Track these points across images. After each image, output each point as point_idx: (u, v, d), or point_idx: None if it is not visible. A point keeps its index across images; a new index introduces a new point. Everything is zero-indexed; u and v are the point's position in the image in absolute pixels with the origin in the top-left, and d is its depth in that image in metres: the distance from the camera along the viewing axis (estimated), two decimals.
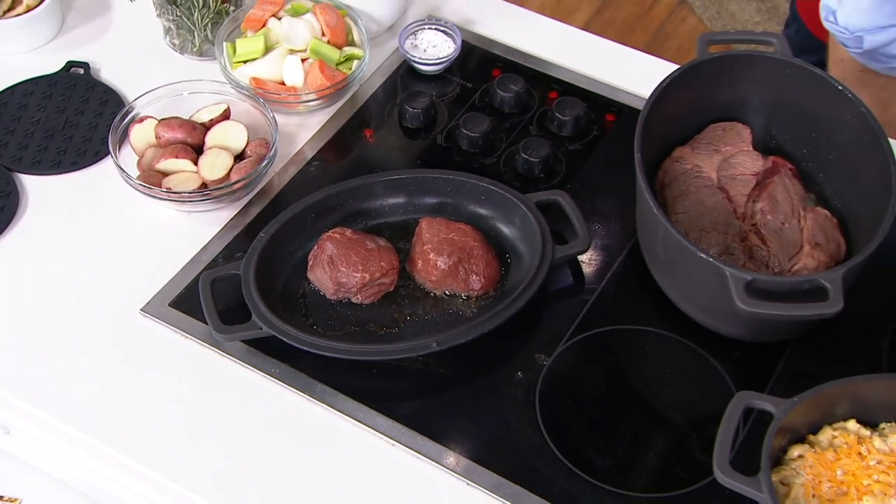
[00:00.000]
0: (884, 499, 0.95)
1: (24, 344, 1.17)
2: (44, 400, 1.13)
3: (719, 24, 2.93)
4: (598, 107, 1.37)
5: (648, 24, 2.99)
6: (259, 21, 1.38)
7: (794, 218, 1.18)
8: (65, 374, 1.14)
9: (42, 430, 1.15)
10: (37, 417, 1.13)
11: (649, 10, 3.01)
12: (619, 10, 3.00)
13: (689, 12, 2.98)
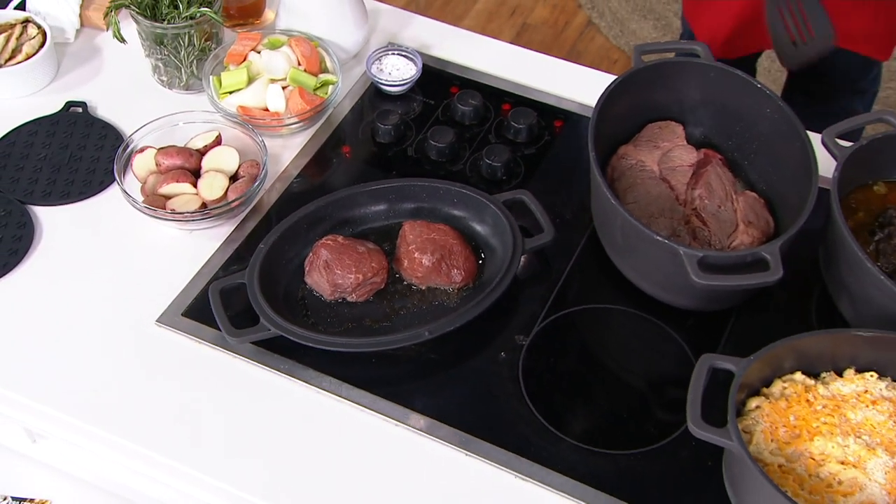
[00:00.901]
0: (831, 437, 0.97)
1: (52, 357, 1.13)
2: (74, 406, 1.10)
3: (623, 41, 2.94)
4: (547, 115, 1.38)
5: (563, 44, 3.00)
6: (240, 55, 1.36)
7: (728, 201, 1.20)
8: (91, 382, 1.11)
9: (73, 433, 1.11)
10: (69, 423, 1.10)
11: (562, 33, 3.02)
12: (536, 33, 3.00)
13: (596, 32, 3.00)
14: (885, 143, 1.17)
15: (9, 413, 1.16)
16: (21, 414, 1.15)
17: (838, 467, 0.95)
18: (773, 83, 2.50)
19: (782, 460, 0.97)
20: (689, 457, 1.05)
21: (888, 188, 1.20)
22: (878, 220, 1.16)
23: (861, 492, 0.94)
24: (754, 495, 0.95)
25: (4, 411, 1.16)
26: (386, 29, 1.51)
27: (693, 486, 1.03)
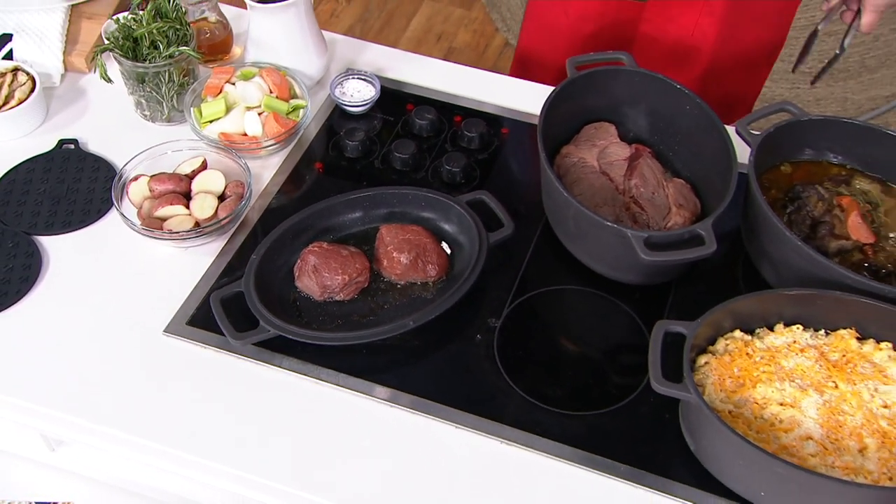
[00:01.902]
0: (770, 384, 1.00)
1: (71, 370, 1.10)
2: (95, 412, 1.07)
3: None
4: (495, 124, 1.38)
5: (485, 63, 3.01)
6: (217, 87, 1.34)
7: (660, 188, 1.22)
8: (109, 389, 1.08)
9: (95, 437, 1.08)
10: (91, 428, 1.07)
11: (483, 54, 3.04)
12: (460, 55, 3.01)
13: (513, 51, 3.03)
14: (788, 130, 1.20)
15: (31, 423, 1.12)
16: (43, 423, 1.11)
17: (778, 408, 0.98)
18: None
19: (731, 407, 0.99)
20: (649, 412, 1.07)
21: (793, 167, 1.24)
22: (788, 195, 1.19)
23: (799, 427, 0.97)
24: (711, 438, 0.97)
25: (27, 422, 1.11)
26: (344, 56, 1.50)
27: (654, 437, 1.05)
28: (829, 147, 1.22)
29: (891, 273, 1.11)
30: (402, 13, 3.14)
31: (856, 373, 1.00)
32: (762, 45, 1.54)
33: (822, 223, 1.14)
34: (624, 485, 1.02)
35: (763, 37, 1.52)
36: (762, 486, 0.95)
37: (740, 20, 1.46)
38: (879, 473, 0.94)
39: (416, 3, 3.18)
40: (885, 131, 1.20)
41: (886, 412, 0.98)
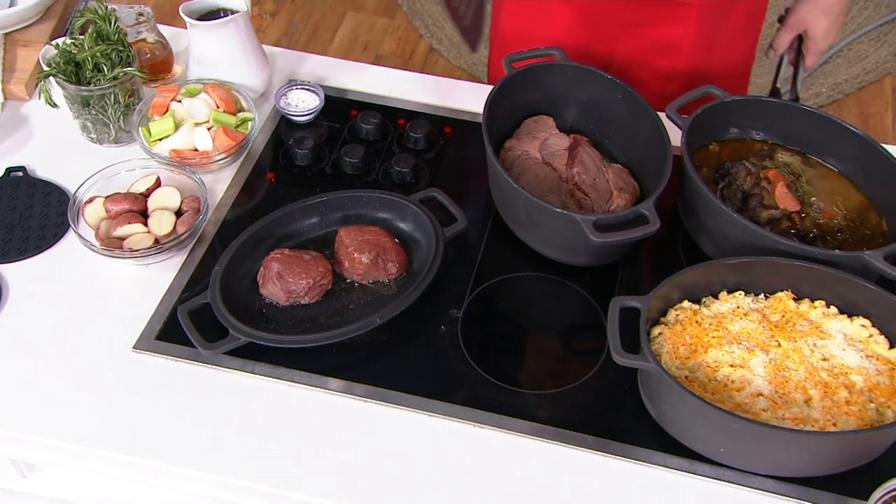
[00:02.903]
0: (719, 347, 1.04)
1: (42, 393, 1.08)
2: (72, 434, 1.05)
3: (462, 61, 3.00)
4: (438, 124, 1.40)
5: (412, 69, 3.02)
6: (163, 106, 1.33)
7: (600, 174, 1.26)
8: (82, 410, 1.07)
9: (71, 458, 1.06)
10: (67, 449, 1.05)
11: (409, 60, 3.05)
12: (388, 62, 3.02)
13: (438, 56, 3.05)
14: (714, 111, 1.25)
15: (2, 449, 1.10)
16: (16, 448, 1.09)
17: (729, 370, 1.03)
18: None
19: (686, 372, 1.03)
20: (610, 384, 1.10)
21: (720, 146, 1.29)
22: (719, 172, 1.25)
23: (750, 385, 1.02)
24: (671, 403, 1.01)
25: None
26: (284, 68, 1.50)
27: (617, 408, 1.09)
28: (752, 125, 1.28)
29: (817, 237, 1.17)
30: (327, 25, 3.14)
31: (795, 331, 1.06)
32: (736, 62, 1.52)
33: (752, 195, 1.20)
34: (592, 455, 1.05)
35: (735, 54, 1.50)
36: (721, 442, 1.00)
37: (715, 33, 1.44)
38: (825, 421, 0.99)
39: (340, 14, 3.18)
40: (801, 107, 1.26)
41: (826, 364, 1.03)
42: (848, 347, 1.05)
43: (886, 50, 3.04)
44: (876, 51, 3.04)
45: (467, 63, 2.99)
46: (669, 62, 1.45)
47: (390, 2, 3.22)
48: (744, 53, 1.51)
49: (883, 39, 3.07)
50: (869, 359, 1.04)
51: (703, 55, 1.45)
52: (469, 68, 2.97)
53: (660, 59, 1.45)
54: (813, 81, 2.92)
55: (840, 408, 1.00)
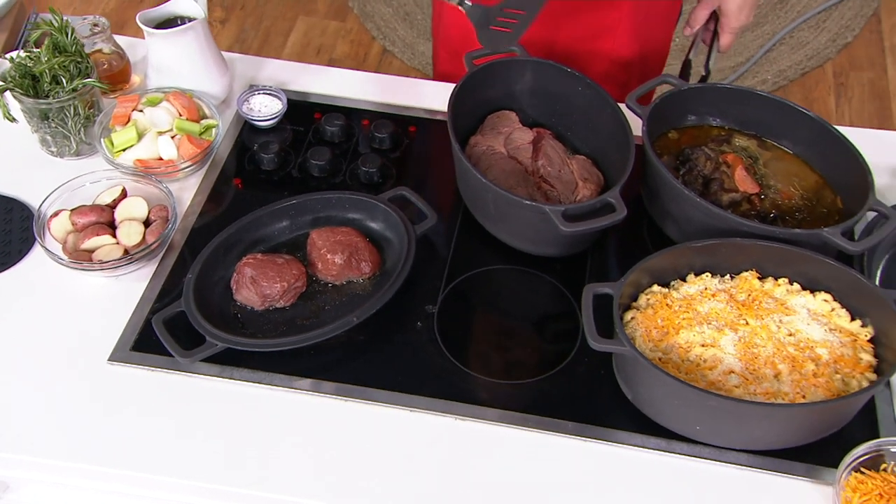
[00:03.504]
0: (690, 329, 1.07)
1: (19, 412, 1.06)
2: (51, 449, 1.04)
3: (416, 62, 3.01)
4: (401, 123, 1.41)
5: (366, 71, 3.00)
6: (124, 116, 1.31)
7: (565, 165, 1.28)
8: (61, 426, 1.05)
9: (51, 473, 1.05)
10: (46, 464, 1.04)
11: (363, 62, 3.04)
12: (341, 65, 3.01)
13: (392, 57, 3.05)
14: (672, 99, 1.28)
15: None
16: None
17: (701, 349, 1.05)
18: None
19: (660, 354, 1.06)
20: (585, 371, 1.12)
21: (679, 133, 1.32)
22: (679, 158, 1.27)
23: (721, 363, 1.05)
24: (648, 384, 1.03)
25: None
26: (244, 74, 1.49)
27: (594, 393, 1.10)
28: (709, 111, 1.31)
29: (776, 217, 1.21)
30: (278, 30, 3.12)
31: (762, 308, 1.09)
32: (665, 44, 1.57)
33: (712, 180, 1.23)
34: (572, 440, 1.06)
35: (665, 35, 1.55)
36: (697, 420, 1.02)
37: (647, 16, 1.49)
38: (794, 393, 1.02)
39: (291, 19, 3.17)
40: (754, 92, 1.30)
41: (792, 339, 1.07)
42: (812, 322, 1.08)
43: (825, 36, 3.13)
44: (816, 37, 3.12)
45: (421, 63, 3.00)
46: (610, 46, 1.49)
47: (341, 5, 3.22)
48: (669, 34, 1.57)
49: (822, 26, 3.16)
50: (832, 332, 1.07)
51: (640, 38, 1.49)
52: (423, 68, 2.98)
53: (600, 43, 1.48)
54: (759, 69, 2.99)
55: (808, 380, 1.03)
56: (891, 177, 1.34)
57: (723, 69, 2.97)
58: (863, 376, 1.04)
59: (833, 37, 3.12)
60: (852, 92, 2.95)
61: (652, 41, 1.53)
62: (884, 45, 3.13)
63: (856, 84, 2.98)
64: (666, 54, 1.61)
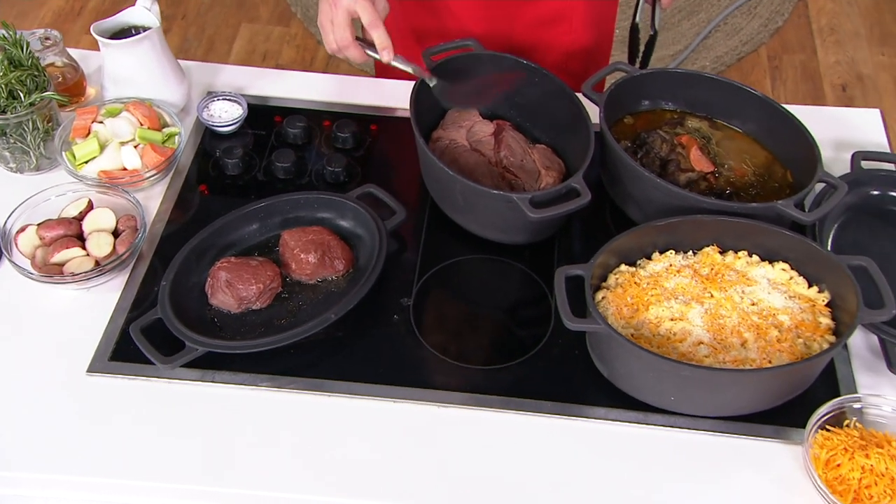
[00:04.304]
0: (659, 304, 1.11)
1: None
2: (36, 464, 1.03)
3: (363, 64, 3.00)
4: (363, 122, 1.42)
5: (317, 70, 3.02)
6: (84, 128, 1.30)
7: (527, 155, 1.31)
8: (44, 440, 1.05)
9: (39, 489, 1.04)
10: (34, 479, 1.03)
11: (310, 66, 3.03)
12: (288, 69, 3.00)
13: (339, 60, 3.03)
14: (626, 86, 1.32)
15: None
16: None
17: (670, 323, 1.09)
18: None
19: (632, 330, 1.09)
20: (560, 352, 1.15)
21: (635, 118, 1.36)
22: (636, 142, 1.32)
23: (690, 335, 1.09)
24: (623, 360, 1.07)
25: None
26: (201, 81, 1.49)
27: (570, 373, 1.13)
28: (661, 96, 1.36)
29: (732, 193, 1.26)
30: (222, 38, 3.10)
31: (725, 281, 1.13)
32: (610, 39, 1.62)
33: (669, 161, 1.27)
34: (552, 419, 1.09)
35: (610, 29, 1.60)
36: (671, 391, 1.06)
37: (598, 8, 1.53)
38: (761, 359, 1.07)
39: (234, 27, 3.15)
40: (703, 75, 1.35)
41: (755, 308, 1.11)
42: (773, 291, 1.13)
43: (758, 21, 3.23)
44: (749, 23, 3.22)
45: (368, 65, 3.00)
46: (566, 36, 1.52)
47: (284, 10, 3.21)
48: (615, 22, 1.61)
49: (754, 12, 3.26)
50: (792, 299, 1.12)
51: (593, 27, 1.53)
52: (371, 70, 2.99)
53: (556, 33, 1.52)
54: (697, 56, 3.07)
55: (773, 346, 1.08)
56: (834, 150, 1.40)
57: (663, 58, 3.05)
58: (823, 339, 1.09)
59: (765, 22, 3.22)
60: (786, 74, 3.05)
61: (603, 29, 1.58)
62: (812, 28, 3.24)
63: (789, 66, 3.08)
64: (612, 41, 1.65)
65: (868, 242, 1.26)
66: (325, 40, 1.26)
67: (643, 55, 1.54)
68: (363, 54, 1.26)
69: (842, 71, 3.07)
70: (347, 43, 1.24)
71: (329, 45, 1.26)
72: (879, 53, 3.14)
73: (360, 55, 1.26)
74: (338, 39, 1.24)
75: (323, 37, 1.26)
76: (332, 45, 1.26)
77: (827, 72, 3.07)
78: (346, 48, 1.24)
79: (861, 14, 3.30)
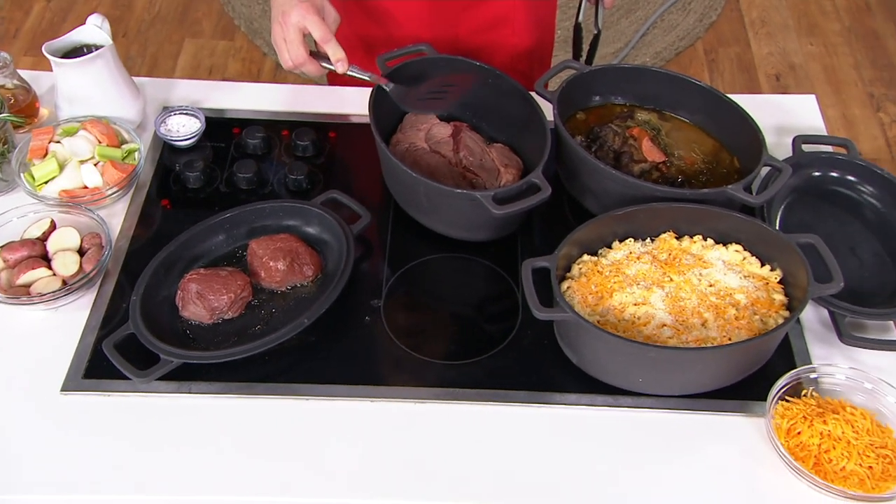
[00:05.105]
0: (622, 291, 1.15)
1: None
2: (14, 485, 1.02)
3: None
4: (321, 130, 1.44)
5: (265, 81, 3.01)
6: (41, 149, 1.30)
7: (486, 154, 1.34)
8: (21, 461, 1.04)
9: None
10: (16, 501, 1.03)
11: (258, 78, 3.01)
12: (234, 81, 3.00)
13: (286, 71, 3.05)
14: (576, 83, 1.36)
15: None
16: None
17: (634, 308, 1.13)
18: None
19: (598, 317, 1.13)
20: (530, 343, 1.18)
21: (586, 114, 1.41)
22: (589, 137, 1.36)
23: (654, 319, 1.13)
24: (591, 346, 1.10)
25: None
26: (156, 96, 1.49)
27: (540, 362, 1.17)
28: (611, 91, 1.40)
29: (684, 181, 1.31)
30: (166, 54, 3.07)
31: (682, 265, 1.18)
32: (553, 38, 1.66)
33: (622, 153, 1.31)
34: (525, 408, 1.12)
35: (552, 28, 1.64)
36: (639, 373, 1.10)
37: (538, 8, 1.56)
38: (721, 337, 1.12)
39: (177, 43, 3.12)
40: (651, 69, 1.39)
41: (713, 289, 1.16)
42: (728, 272, 1.18)
43: (693, 17, 3.33)
44: (685, 19, 3.32)
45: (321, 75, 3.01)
46: (510, 38, 1.56)
47: (227, 24, 3.20)
48: (555, 21, 1.65)
49: (689, 8, 3.36)
50: (746, 278, 1.17)
51: (535, 26, 1.57)
52: (318, 79, 2.99)
53: (500, 36, 1.55)
54: (637, 53, 3.15)
55: (731, 324, 1.12)
56: (776, 135, 1.47)
57: (605, 55, 3.12)
58: (778, 314, 1.14)
59: (699, 17, 3.32)
60: (723, 66, 3.15)
61: (544, 29, 1.62)
62: (744, 22, 3.35)
63: (725, 59, 3.18)
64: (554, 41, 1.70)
65: (813, 221, 1.32)
66: (280, 58, 1.27)
67: (588, 53, 1.59)
68: (319, 68, 1.28)
69: (775, 61, 3.18)
70: (303, 60, 1.25)
71: (285, 63, 1.27)
72: (808, 43, 3.26)
73: (317, 69, 1.28)
74: (293, 57, 1.25)
75: (279, 55, 1.27)
76: (287, 63, 1.27)
77: (761, 63, 3.17)
78: (302, 65, 1.26)
79: (789, 7, 3.42)
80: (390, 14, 1.51)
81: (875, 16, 3.37)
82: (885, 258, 1.29)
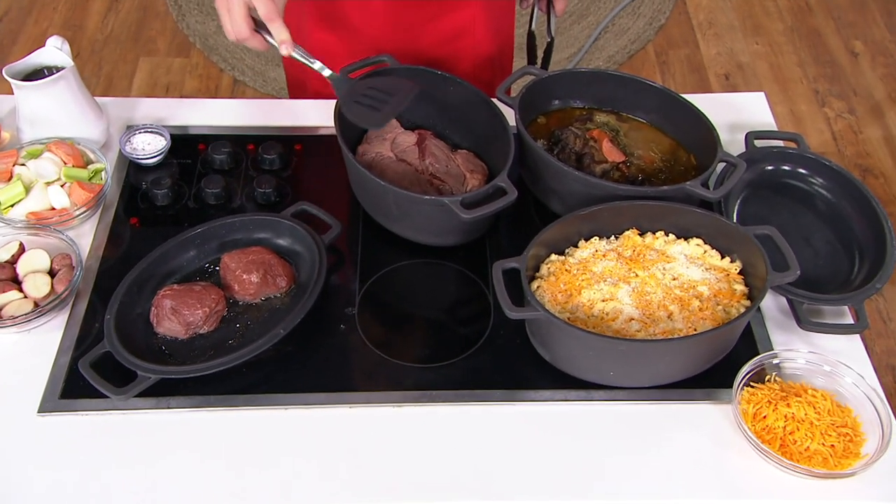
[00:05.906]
0: (590, 288, 1.18)
1: None
2: None
3: (269, 88, 3.02)
4: (287, 143, 1.45)
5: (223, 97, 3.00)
6: (6, 172, 1.29)
7: (451, 161, 1.36)
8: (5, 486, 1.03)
9: None
10: None
11: (216, 94, 3.01)
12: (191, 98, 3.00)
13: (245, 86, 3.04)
14: (536, 87, 1.39)
15: None
16: None
17: (602, 304, 1.17)
18: None
19: (568, 314, 1.16)
20: (503, 343, 1.21)
21: (547, 118, 1.44)
22: (551, 140, 1.39)
23: (622, 314, 1.16)
24: (563, 343, 1.13)
25: None
26: (119, 116, 1.49)
27: (514, 361, 1.19)
28: (570, 95, 1.44)
29: (644, 179, 1.34)
30: (121, 74, 3.05)
31: (647, 260, 1.22)
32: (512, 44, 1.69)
33: (584, 155, 1.35)
34: (501, 406, 1.15)
35: (511, 35, 1.67)
36: (610, 367, 1.13)
37: (499, 12, 1.59)
38: (687, 329, 1.15)
39: (132, 62, 3.11)
40: (607, 72, 1.43)
41: (677, 283, 1.20)
42: (690, 265, 1.22)
43: (643, 21, 3.40)
44: (635, 23, 3.39)
45: (275, 89, 3.02)
46: (471, 49, 1.59)
47: (182, 41, 3.19)
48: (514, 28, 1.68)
49: (638, 12, 3.43)
50: (708, 270, 1.22)
51: (494, 34, 1.60)
52: (278, 93, 3.00)
53: (461, 46, 1.58)
54: (591, 57, 3.21)
55: (696, 315, 1.16)
56: (730, 132, 1.51)
57: (559, 60, 3.17)
58: (739, 304, 1.19)
59: (649, 20, 3.40)
60: (674, 68, 3.23)
61: (504, 38, 1.65)
62: (692, 24, 3.44)
63: (675, 61, 3.26)
64: (514, 48, 1.73)
65: (768, 213, 1.37)
66: (224, 28, 1.23)
67: (543, 59, 1.63)
68: (264, 43, 1.24)
69: (723, 61, 3.26)
70: (246, 35, 1.21)
71: (228, 34, 1.23)
72: (754, 43, 3.35)
73: (261, 44, 1.24)
74: (236, 31, 1.22)
75: (222, 24, 1.23)
76: (230, 35, 1.23)
77: (710, 63, 3.25)
78: (245, 39, 1.22)
79: (734, 8, 3.52)
80: (354, 27, 1.53)
81: (816, 15, 3.48)
82: (837, 246, 1.34)
